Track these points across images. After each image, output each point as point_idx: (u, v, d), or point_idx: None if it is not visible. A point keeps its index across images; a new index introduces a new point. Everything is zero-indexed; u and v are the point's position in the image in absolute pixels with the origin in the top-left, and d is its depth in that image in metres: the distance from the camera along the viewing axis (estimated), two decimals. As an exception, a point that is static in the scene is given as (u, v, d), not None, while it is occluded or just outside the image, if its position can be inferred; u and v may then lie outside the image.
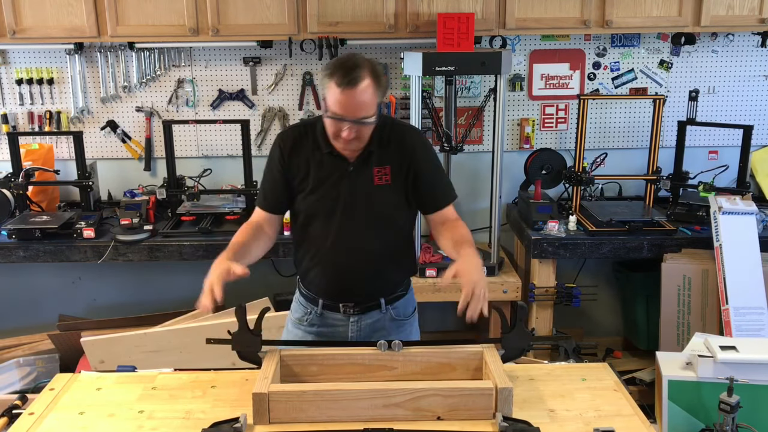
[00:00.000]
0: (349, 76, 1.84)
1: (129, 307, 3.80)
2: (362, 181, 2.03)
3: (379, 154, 2.03)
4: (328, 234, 2.05)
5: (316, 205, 2.04)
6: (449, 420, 1.66)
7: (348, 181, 2.02)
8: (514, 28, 3.34)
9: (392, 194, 2.06)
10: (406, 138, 2.07)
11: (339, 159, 2.02)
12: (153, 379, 1.90)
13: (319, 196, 2.03)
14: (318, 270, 2.11)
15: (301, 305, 2.22)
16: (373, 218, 2.05)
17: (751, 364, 1.75)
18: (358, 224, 2.04)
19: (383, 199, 2.05)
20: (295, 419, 1.64)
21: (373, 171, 2.03)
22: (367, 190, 2.03)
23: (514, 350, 1.82)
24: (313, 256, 2.11)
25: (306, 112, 3.72)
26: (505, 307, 3.19)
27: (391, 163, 2.04)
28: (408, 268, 2.23)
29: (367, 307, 2.13)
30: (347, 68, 1.85)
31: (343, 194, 2.03)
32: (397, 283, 2.19)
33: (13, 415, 1.74)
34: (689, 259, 3.19)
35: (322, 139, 2.02)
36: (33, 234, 3.18)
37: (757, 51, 3.73)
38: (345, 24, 3.29)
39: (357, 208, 2.03)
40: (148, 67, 3.63)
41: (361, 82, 1.84)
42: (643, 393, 3.24)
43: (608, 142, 3.84)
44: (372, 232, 2.05)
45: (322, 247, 2.07)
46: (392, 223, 2.09)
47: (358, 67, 1.85)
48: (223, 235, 3.25)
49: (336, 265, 2.08)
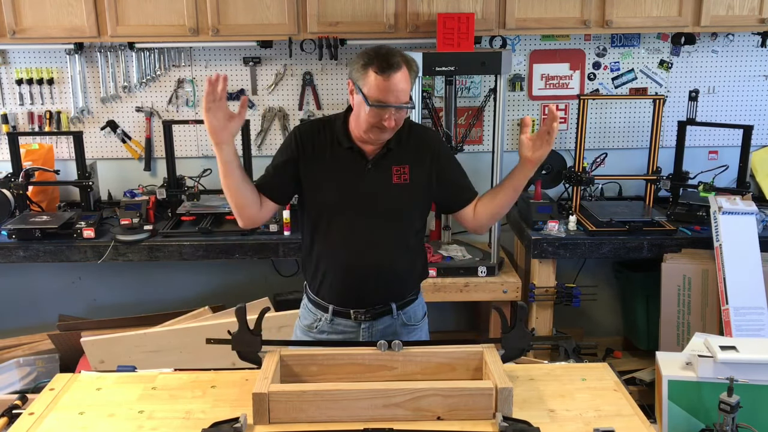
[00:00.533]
0: (390, 62, 1.86)
1: (129, 307, 3.80)
2: (381, 179, 2.03)
3: (398, 152, 2.03)
4: (342, 232, 2.04)
5: (331, 201, 2.02)
6: (449, 420, 1.66)
7: (366, 179, 2.02)
8: (514, 28, 3.34)
9: (411, 193, 2.05)
10: (427, 139, 2.09)
11: (358, 156, 2.02)
12: (153, 379, 1.90)
13: (336, 192, 2.02)
14: (330, 272, 2.08)
15: (310, 312, 2.18)
16: (390, 217, 2.04)
17: (751, 364, 1.74)
18: (374, 222, 2.03)
19: (401, 198, 2.04)
20: (295, 419, 1.64)
21: (392, 169, 2.03)
22: (385, 188, 2.03)
23: (514, 350, 1.82)
24: (325, 256, 2.08)
25: (306, 112, 3.72)
26: (506, 307, 3.22)
27: (410, 162, 2.04)
28: (421, 271, 2.21)
29: (378, 313, 2.10)
30: (384, 55, 1.87)
31: (361, 191, 2.02)
32: (410, 287, 2.17)
33: (13, 415, 1.74)
34: (689, 259, 3.19)
35: (342, 134, 2.02)
36: (33, 234, 3.18)
37: (757, 51, 3.74)
38: (345, 24, 3.29)
39: (374, 205, 2.02)
40: (148, 67, 3.63)
41: (401, 67, 1.87)
42: (643, 393, 3.25)
43: (608, 142, 3.84)
44: (388, 232, 2.04)
45: (336, 246, 2.05)
46: (409, 222, 2.09)
47: (395, 55, 1.88)
48: (223, 235, 3.26)
49: (349, 266, 2.05)
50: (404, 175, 2.04)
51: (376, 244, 2.04)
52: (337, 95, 3.73)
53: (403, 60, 1.89)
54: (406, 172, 2.04)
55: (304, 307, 2.21)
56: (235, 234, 3.27)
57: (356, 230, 2.02)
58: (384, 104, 1.88)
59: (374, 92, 1.88)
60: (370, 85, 1.88)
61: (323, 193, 2.04)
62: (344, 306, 2.10)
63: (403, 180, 2.03)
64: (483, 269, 3.29)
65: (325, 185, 2.03)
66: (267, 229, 3.26)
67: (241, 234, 3.26)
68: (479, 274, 3.29)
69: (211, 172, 3.68)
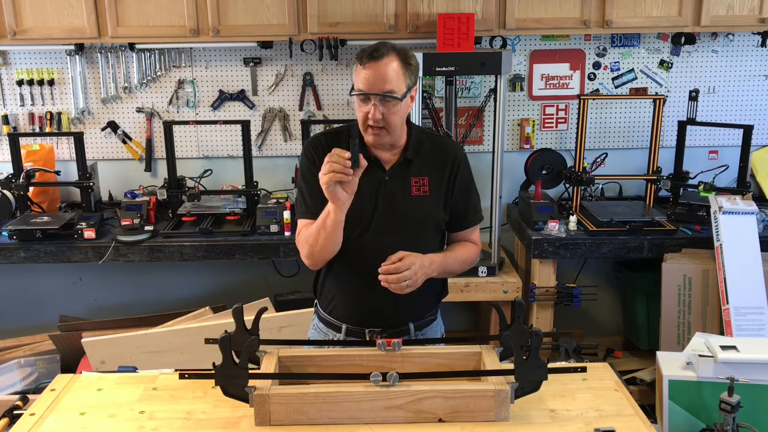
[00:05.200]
0: (373, 53, 1.83)
1: (130, 308, 3.80)
2: (399, 191, 1.95)
3: (417, 163, 1.97)
4: (358, 247, 1.94)
5: (349, 214, 1.88)
6: (451, 422, 1.66)
7: (384, 190, 1.95)
8: (514, 28, 3.34)
9: (430, 206, 1.98)
10: (450, 153, 2.01)
11: (375, 167, 1.94)
12: (154, 379, 1.90)
13: (353, 204, 1.87)
14: (344, 289, 2.00)
15: (321, 331, 2.09)
16: (408, 230, 1.95)
17: (751, 363, 1.75)
18: (391, 237, 1.93)
19: (420, 210, 1.97)
20: (296, 421, 1.64)
21: (411, 181, 1.96)
22: (404, 199, 1.95)
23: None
24: (339, 273, 2.00)
25: (306, 113, 3.72)
26: (506, 308, 3.22)
27: (429, 174, 1.97)
28: (440, 289, 2.11)
29: (394, 333, 1.99)
30: (372, 47, 1.85)
31: (379, 203, 1.94)
32: (429, 306, 2.08)
33: (14, 416, 1.74)
34: (690, 258, 3.19)
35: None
36: (34, 235, 3.18)
37: (757, 51, 3.74)
38: (345, 24, 3.29)
39: (392, 218, 1.94)
40: (149, 68, 3.63)
41: (385, 57, 1.83)
42: (644, 393, 3.25)
43: (608, 142, 3.84)
44: (406, 244, 1.91)
45: (351, 262, 1.96)
46: (428, 236, 2.00)
47: (384, 46, 1.85)
48: (224, 236, 3.26)
49: (365, 283, 1.92)
50: (424, 187, 1.96)
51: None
52: (337, 95, 3.73)
53: (393, 52, 1.85)
54: (425, 184, 1.96)
55: (314, 327, 2.13)
56: (235, 234, 3.27)
57: (373, 245, 1.93)
58: (361, 92, 1.84)
59: (357, 81, 1.86)
60: (355, 77, 1.87)
61: None
62: (358, 325, 2.02)
63: (422, 192, 1.96)
64: (483, 269, 3.29)
65: None
66: (267, 230, 3.26)
67: (242, 234, 3.27)
68: (480, 274, 3.29)
69: (211, 172, 3.69)
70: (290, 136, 3.75)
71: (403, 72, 1.86)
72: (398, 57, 1.85)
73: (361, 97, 1.86)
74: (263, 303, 3.16)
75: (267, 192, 3.68)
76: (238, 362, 1.65)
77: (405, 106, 1.90)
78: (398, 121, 1.90)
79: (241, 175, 3.47)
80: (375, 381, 1.65)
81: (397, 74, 1.84)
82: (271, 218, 3.28)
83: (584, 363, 1.82)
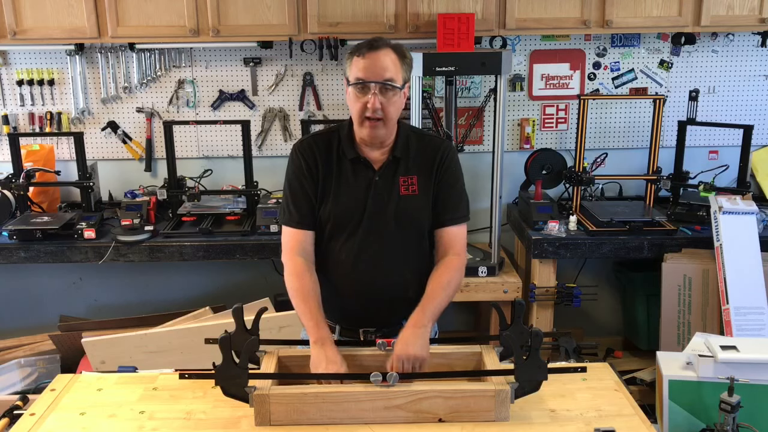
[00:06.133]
0: (371, 44, 1.87)
1: (130, 308, 3.80)
2: (389, 191, 1.96)
3: (405, 163, 1.98)
4: (350, 247, 1.96)
5: (339, 215, 1.93)
6: (450, 422, 1.66)
7: (374, 190, 1.95)
8: (514, 28, 3.34)
9: (419, 205, 1.98)
10: (439, 151, 2.00)
11: (364, 167, 1.96)
12: (154, 379, 1.90)
13: (344, 206, 1.93)
14: (337, 291, 2.00)
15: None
16: (399, 230, 1.96)
17: (751, 363, 1.75)
18: (383, 238, 1.95)
19: (410, 210, 1.97)
20: (296, 421, 1.65)
21: (399, 180, 1.96)
22: (393, 199, 1.95)
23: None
24: (331, 274, 2.00)
25: (306, 113, 3.72)
26: (506, 308, 3.21)
27: (418, 173, 1.98)
28: None
29: (388, 332, 1.99)
30: (369, 40, 1.88)
31: (368, 203, 1.95)
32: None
33: (14, 416, 1.74)
34: (690, 258, 3.19)
35: (347, 144, 1.96)
36: (34, 235, 3.18)
37: (757, 51, 3.73)
38: (345, 24, 3.29)
39: (383, 218, 1.95)
40: (149, 68, 3.63)
41: (383, 48, 1.87)
42: (644, 393, 3.25)
43: (608, 142, 3.84)
44: (397, 245, 1.96)
45: (343, 264, 1.97)
46: (418, 235, 2.01)
47: (380, 40, 1.89)
48: (224, 236, 3.26)
49: (358, 284, 1.96)
50: (412, 186, 1.97)
51: (386, 261, 1.96)
52: (337, 95, 3.73)
53: (389, 45, 1.88)
54: (414, 183, 1.97)
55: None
56: (235, 234, 3.27)
57: (364, 246, 1.95)
58: (362, 81, 1.85)
59: (354, 72, 1.87)
60: (352, 69, 1.88)
61: (330, 207, 1.96)
62: (352, 325, 2.04)
63: (411, 191, 1.96)
64: (483, 269, 3.29)
65: (332, 200, 1.95)
66: (267, 230, 3.26)
67: (242, 234, 3.27)
68: (480, 274, 3.29)
69: (211, 172, 3.69)
70: (290, 136, 3.75)
71: (399, 64, 1.89)
72: (394, 50, 1.89)
73: (359, 88, 1.87)
74: (263, 303, 3.16)
75: (267, 192, 3.68)
76: (238, 362, 1.65)
77: (401, 99, 1.92)
78: (395, 113, 1.92)
79: (241, 175, 3.47)
80: (375, 381, 1.66)
81: (395, 65, 1.88)
82: (271, 218, 3.28)
83: (584, 363, 1.82)
